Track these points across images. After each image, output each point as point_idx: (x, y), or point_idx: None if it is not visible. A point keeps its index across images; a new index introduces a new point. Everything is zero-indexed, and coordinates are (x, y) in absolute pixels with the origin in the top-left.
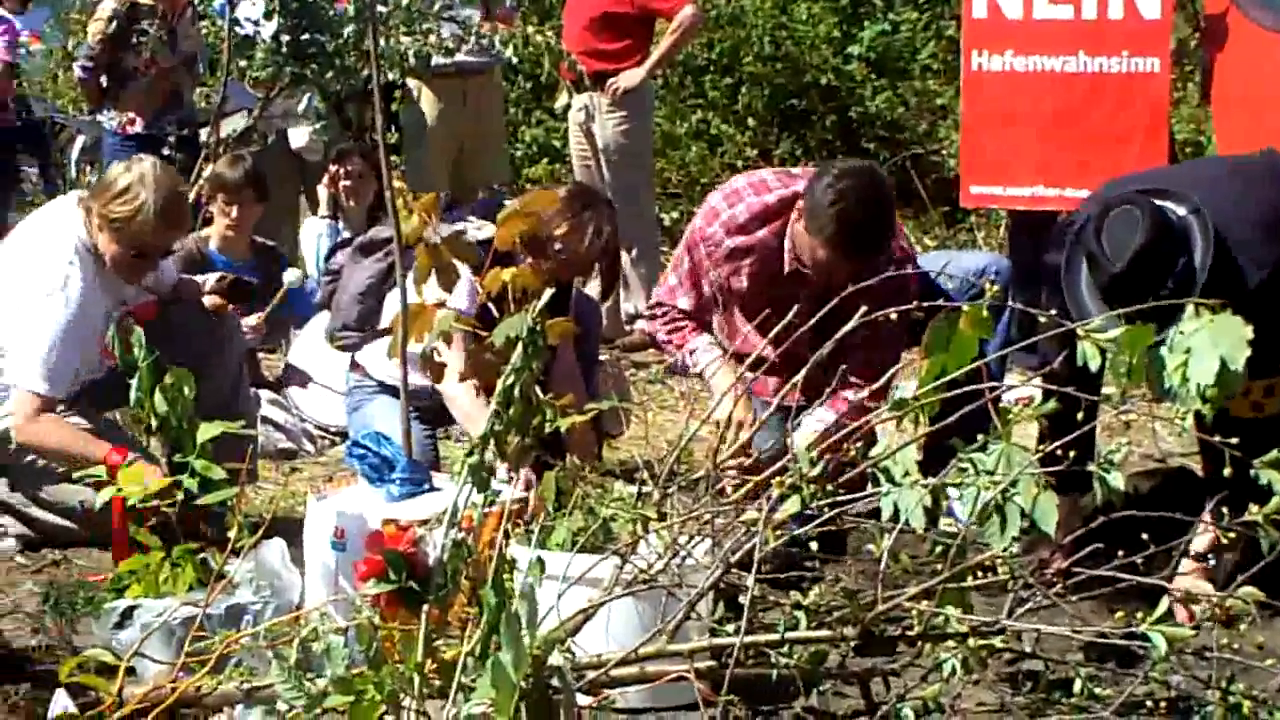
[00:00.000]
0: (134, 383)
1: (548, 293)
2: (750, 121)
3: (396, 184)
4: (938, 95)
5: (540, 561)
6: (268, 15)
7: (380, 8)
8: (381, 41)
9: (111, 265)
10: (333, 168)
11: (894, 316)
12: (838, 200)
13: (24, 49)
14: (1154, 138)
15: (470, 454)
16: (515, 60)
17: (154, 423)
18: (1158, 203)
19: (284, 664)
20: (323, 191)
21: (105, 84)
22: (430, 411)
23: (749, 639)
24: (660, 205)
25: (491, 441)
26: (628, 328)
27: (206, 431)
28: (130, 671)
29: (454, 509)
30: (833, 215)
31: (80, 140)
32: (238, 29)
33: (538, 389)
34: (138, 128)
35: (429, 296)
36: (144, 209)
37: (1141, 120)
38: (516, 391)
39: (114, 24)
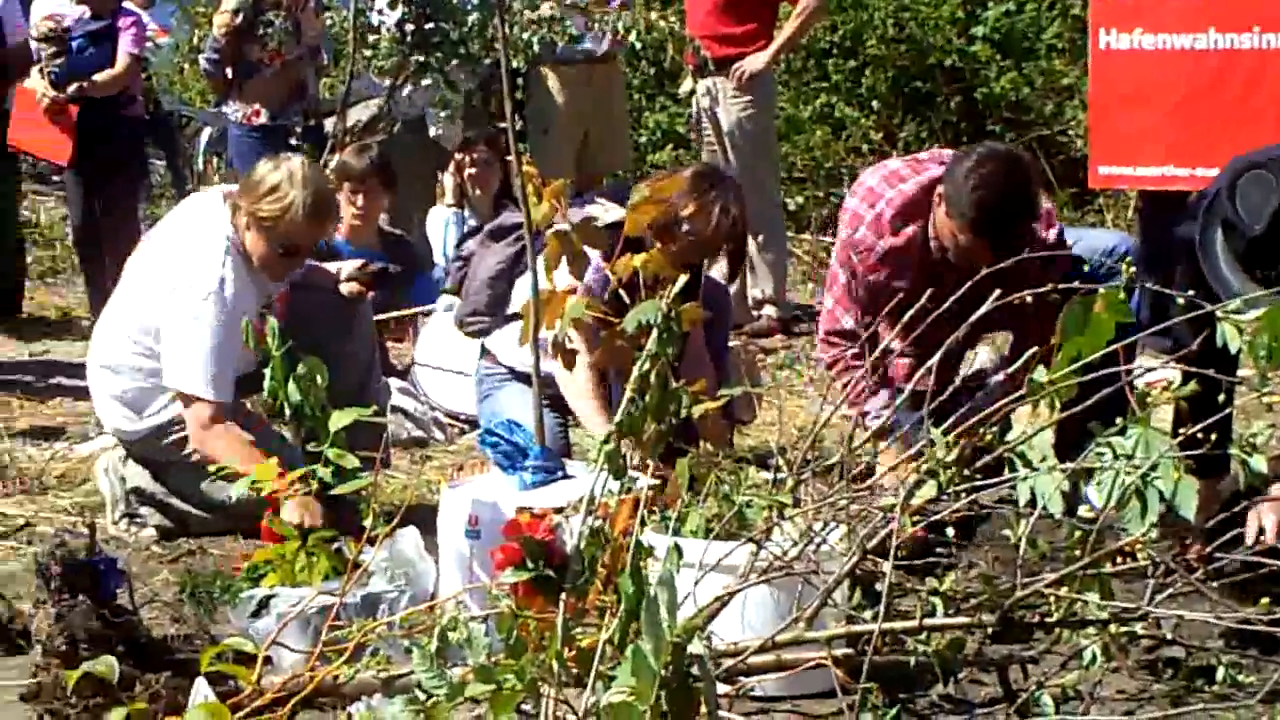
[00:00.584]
0: (268, 372)
1: (682, 279)
2: (874, 105)
3: (527, 169)
4: (1063, 75)
5: (678, 549)
6: (392, 5)
7: None
8: (507, 29)
9: (260, 264)
10: (458, 156)
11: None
12: (979, 186)
13: (152, 43)
14: None
15: (606, 441)
16: (639, 46)
17: (288, 411)
18: None
19: (424, 653)
20: (448, 180)
21: (231, 76)
22: (561, 399)
23: (887, 626)
24: (784, 190)
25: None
26: (755, 314)
27: (340, 420)
28: (267, 661)
29: (590, 496)
30: (973, 201)
31: (206, 133)
32: (362, 19)
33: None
34: (263, 119)
35: (559, 282)
36: (293, 207)
37: (1274, 97)
38: (652, 378)
39: (239, 16)
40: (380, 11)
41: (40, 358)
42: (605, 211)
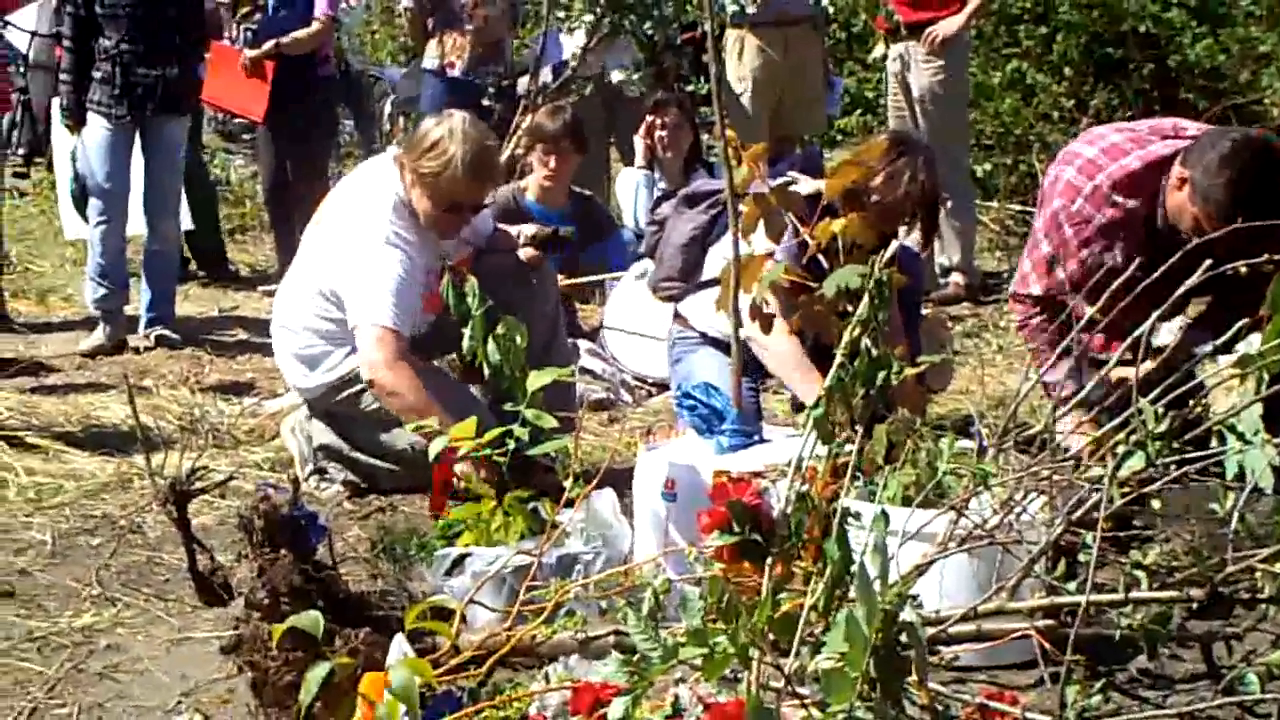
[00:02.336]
0: (467, 332)
1: (894, 245)
2: (1066, 71)
3: (729, 133)
4: (1260, 42)
5: (884, 515)
6: None
7: None
8: None
9: (425, 221)
10: (649, 118)
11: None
12: (1236, 180)
13: (344, 3)
14: None
15: (815, 406)
16: (831, 10)
17: (487, 372)
18: None
19: (638, 615)
20: (639, 142)
21: (431, 23)
22: (754, 363)
23: (1094, 598)
24: (972, 157)
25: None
26: (942, 281)
27: (537, 380)
28: (462, 619)
29: (798, 460)
30: (1229, 195)
31: (393, 93)
32: None
33: None
34: (456, 71)
35: (757, 247)
36: (452, 163)
37: None
38: (862, 345)
39: None
40: None
41: (230, 313)
42: (798, 185)
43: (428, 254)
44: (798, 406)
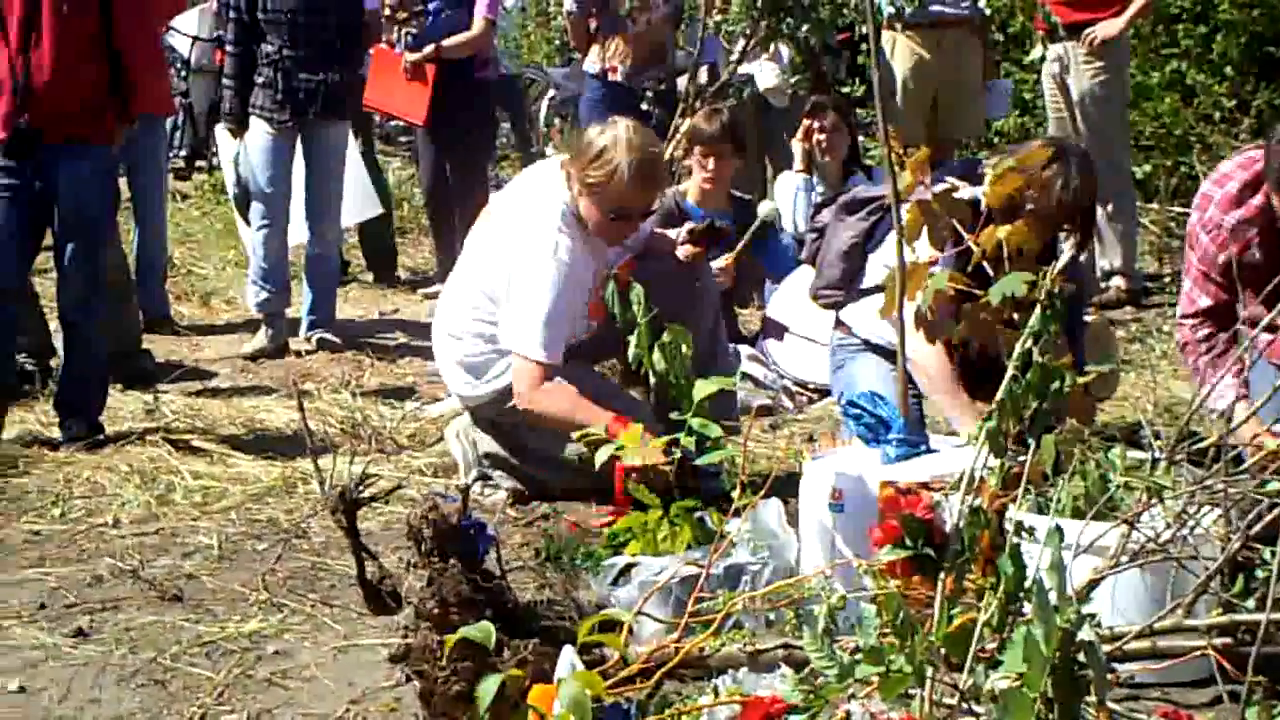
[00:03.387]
0: (632, 340)
1: (1065, 256)
2: (1226, 70)
3: (891, 139)
4: None
5: (1059, 530)
6: None
7: None
8: None
9: (593, 229)
10: (806, 122)
11: None
12: None
13: (501, 7)
14: None
15: (988, 419)
16: (988, 11)
17: (653, 380)
18: None
19: (814, 632)
20: (796, 146)
21: (594, 27)
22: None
23: (1276, 616)
24: (1132, 159)
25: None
26: (1103, 285)
27: (703, 389)
28: (628, 630)
29: (971, 474)
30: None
31: (550, 94)
32: None
33: None
34: (619, 76)
35: (920, 254)
36: (619, 171)
37: None
38: (1034, 357)
39: None
40: None
41: (390, 316)
42: (958, 189)
43: (593, 262)
44: None
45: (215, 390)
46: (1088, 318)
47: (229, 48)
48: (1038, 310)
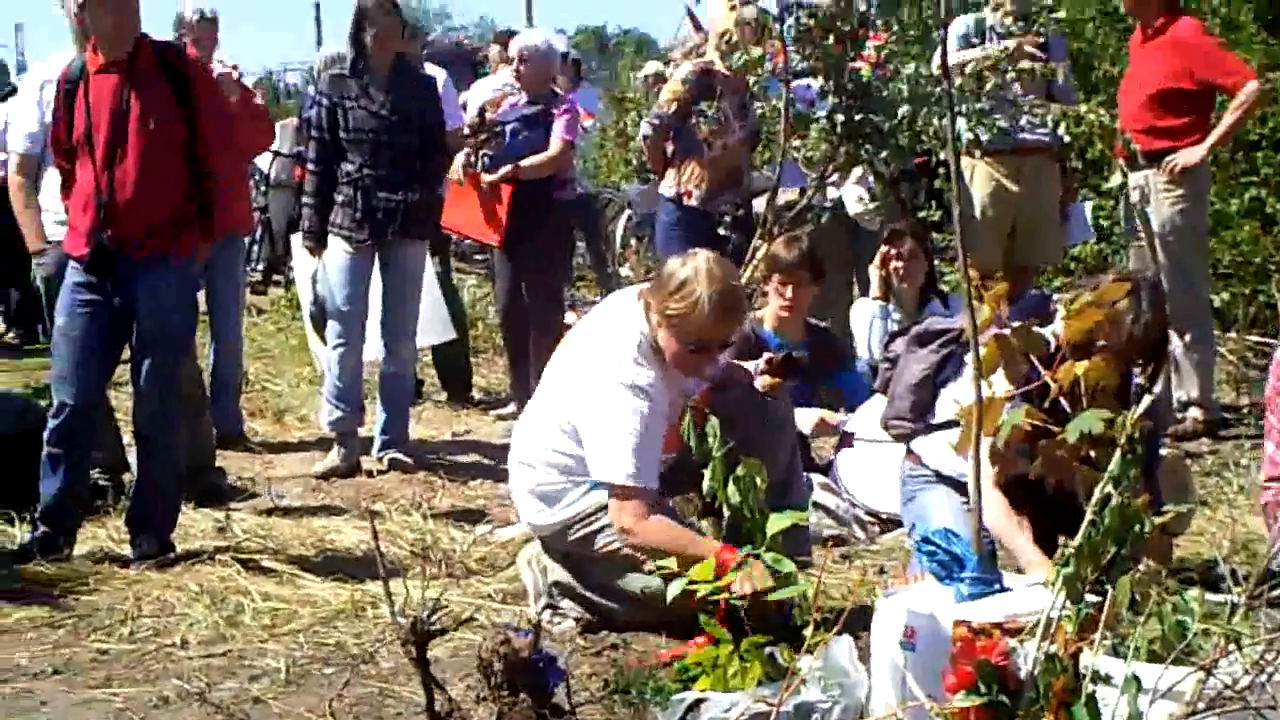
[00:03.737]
0: (707, 473)
1: (1146, 400)
2: None
3: (971, 272)
4: None
5: (1136, 679)
6: (823, 95)
7: (932, 89)
8: (935, 121)
9: (672, 361)
10: (884, 249)
11: None
12: None
13: (580, 127)
14: None
15: (1066, 564)
16: (1066, 138)
17: (727, 513)
18: None
19: None
20: (873, 273)
21: (669, 151)
22: None
23: None
24: (1210, 287)
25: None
26: (1180, 416)
27: (776, 523)
28: None
29: (1047, 620)
30: None
31: (627, 214)
32: (793, 108)
33: None
34: (694, 200)
35: (996, 389)
36: (700, 304)
37: None
38: (1114, 501)
39: (688, 88)
40: (812, 102)
41: (463, 437)
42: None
43: (671, 393)
44: None
45: (287, 509)
46: (1163, 451)
47: (310, 165)
48: (1117, 455)
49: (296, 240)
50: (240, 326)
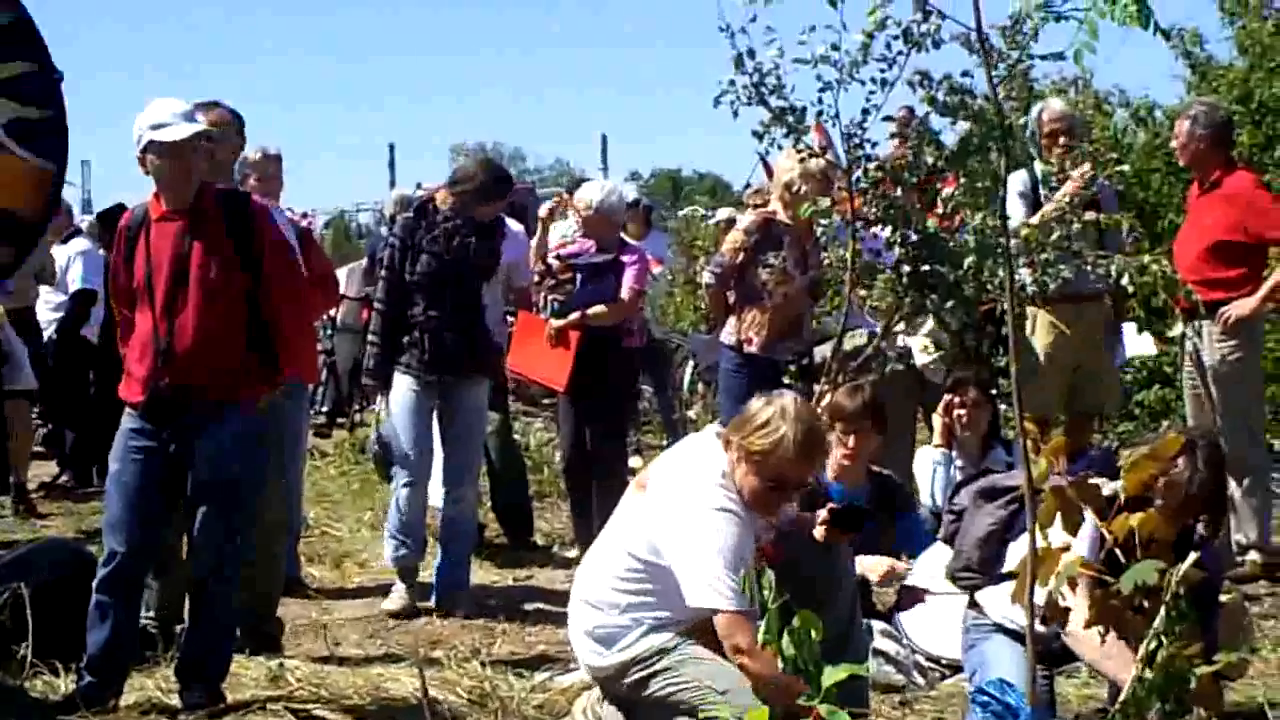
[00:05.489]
0: (762, 625)
1: (1191, 558)
2: None
3: (1028, 425)
4: None
5: None
6: (889, 245)
7: (998, 239)
8: (1000, 272)
9: (750, 497)
10: (947, 396)
11: None
12: None
13: (650, 275)
14: None
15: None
16: (1131, 290)
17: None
18: None
19: None
20: (937, 420)
21: (731, 299)
22: (1048, 654)
23: None
24: (1270, 431)
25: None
26: (1238, 559)
27: (831, 676)
28: None
29: None
30: None
31: (693, 361)
32: (859, 258)
33: None
34: (754, 347)
35: (1054, 540)
36: (784, 441)
37: None
38: (1160, 656)
39: (751, 237)
40: (878, 252)
41: (524, 583)
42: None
43: (752, 532)
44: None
45: (342, 658)
46: (1223, 597)
47: (377, 305)
48: (1162, 612)
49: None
50: (301, 473)
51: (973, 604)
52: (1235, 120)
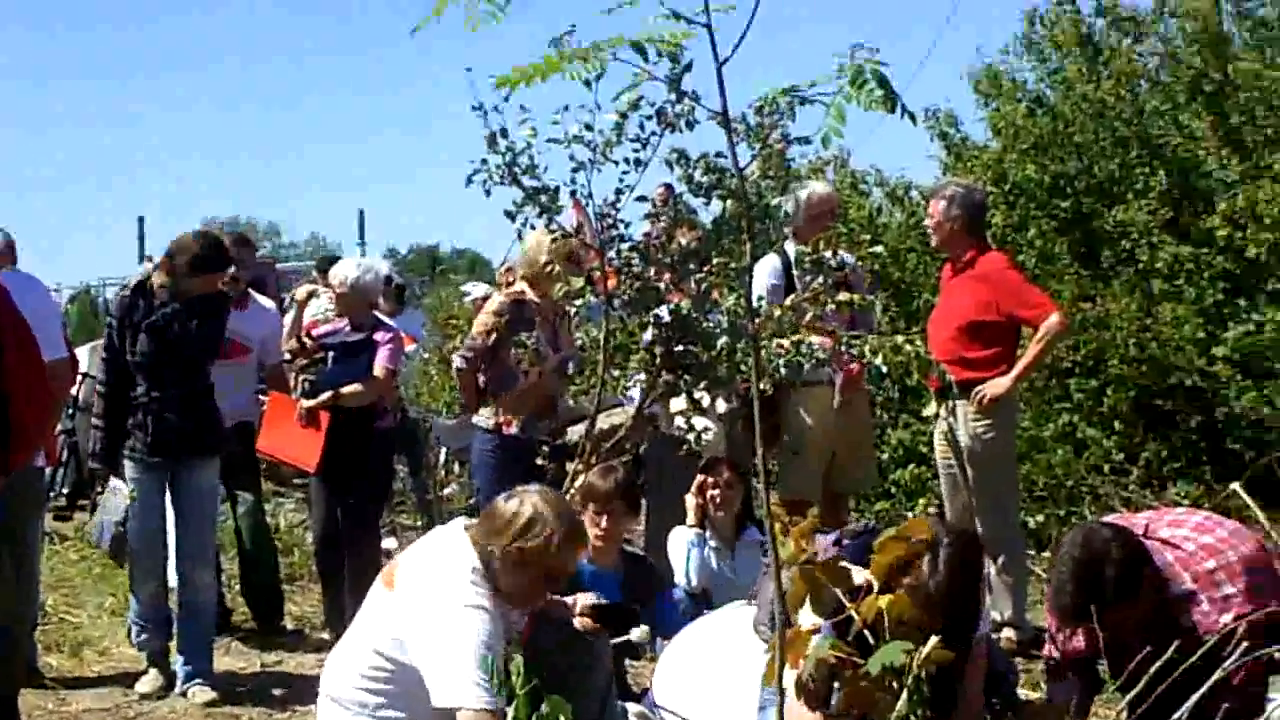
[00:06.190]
0: (510, 711)
1: (933, 641)
2: (1116, 424)
3: (774, 508)
4: None
5: None
6: (643, 326)
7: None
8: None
9: (517, 595)
10: (700, 477)
11: None
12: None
13: (404, 355)
14: None
15: None
16: (884, 369)
17: None
18: None
19: None
20: (690, 501)
21: (483, 382)
22: None
23: None
24: (1026, 509)
25: None
26: (994, 637)
27: None
28: None
29: None
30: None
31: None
32: (613, 339)
33: None
34: (513, 429)
35: (804, 622)
36: (554, 541)
37: None
38: None
39: (503, 318)
40: (631, 333)
41: (273, 668)
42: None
43: (505, 629)
44: None
45: None
46: (1029, 695)
47: (99, 388)
48: (904, 696)
49: None
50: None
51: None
52: (989, 201)
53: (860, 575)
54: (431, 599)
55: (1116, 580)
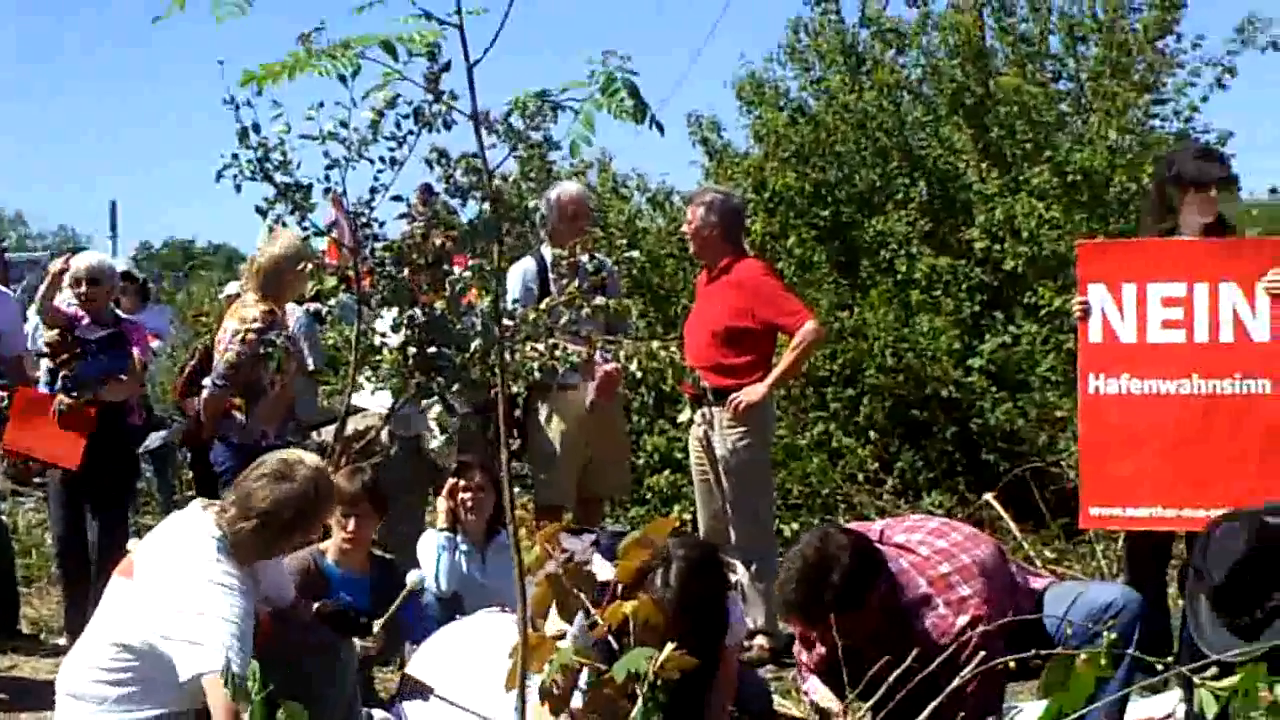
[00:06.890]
0: (246, 717)
1: (669, 647)
2: (871, 433)
3: (520, 513)
4: (1057, 407)
5: None
6: (395, 328)
7: (506, 322)
8: (507, 355)
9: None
10: (452, 480)
11: None
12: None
13: (151, 351)
14: (1269, 458)
15: None
16: (639, 375)
17: None
18: (1266, 517)
19: None
20: (441, 504)
21: (238, 400)
22: None
23: None
24: (780, 517)
25: None
26: (746, 644)
27: None
28: None
29: None
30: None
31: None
32: (365, 339)
33: None
34: (271, 439)
35: (548, 628)
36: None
37: (1256, 441)
38: None
39: (258, 328)
40: (383, 334)
41: (6, 673)
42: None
43: (253, 593)
44: None
45: None
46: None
47: None
48: (639, 704)
49: None
50: None
51: None
52: (749, 208)
53: (609, 571)
54: (179, 580)
55: (840, 589)
